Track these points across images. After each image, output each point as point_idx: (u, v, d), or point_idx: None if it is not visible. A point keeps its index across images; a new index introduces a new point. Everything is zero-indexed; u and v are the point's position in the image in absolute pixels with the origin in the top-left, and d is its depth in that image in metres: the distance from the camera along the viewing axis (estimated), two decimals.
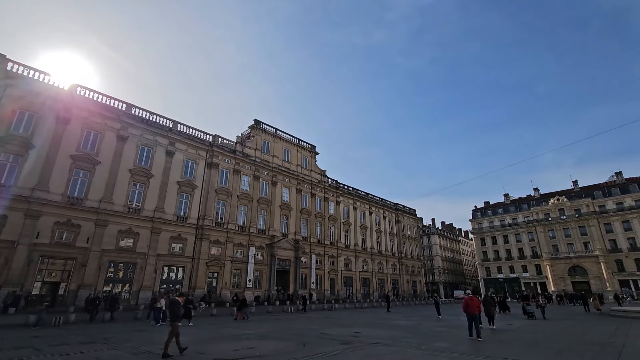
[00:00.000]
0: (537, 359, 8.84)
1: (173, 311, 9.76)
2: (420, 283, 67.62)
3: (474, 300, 13.06)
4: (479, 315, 12.89)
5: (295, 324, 19.03)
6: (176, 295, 11.82)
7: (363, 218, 57.48)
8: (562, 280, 65.89)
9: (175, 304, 9.98)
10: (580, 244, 66.51)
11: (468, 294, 14.21)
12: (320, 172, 52.14)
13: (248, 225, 38.69)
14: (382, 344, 11.47)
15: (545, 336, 13.90)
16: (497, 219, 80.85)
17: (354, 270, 51.55)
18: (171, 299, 10.82)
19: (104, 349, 10.63)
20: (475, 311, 12.73)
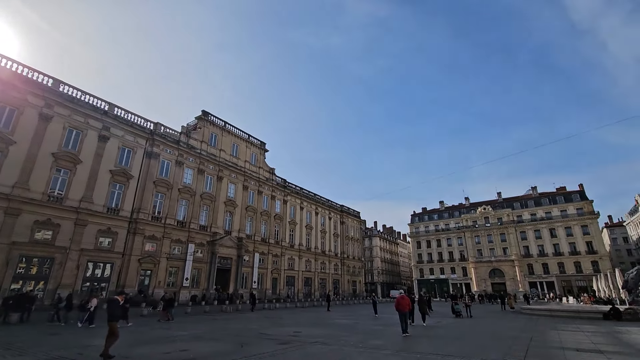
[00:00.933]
0: (460, 353, 9.61)
1: (111, 311, 9.19)
2: (360, 283, 70.01)
3: (404, 299, 14.06)
4: (408, 313, 13.95)
5: (234, 324, 18.49)
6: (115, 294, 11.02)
7: (309, 218, 57.91)
8: (483, 282, 72.97)
9: (114, 303, 9.46)
10: (500, 249, 74.29)
11: (401, 293, 15.30)
12: (269, 170, 51.45)
13: (189, 221, 36.70)
14: (321, 343, 11.62)
15: (468, 332, 15.24)
16: (433, 224, 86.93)
17: (297, 270, 51.65)
18: (109, 297, 10.22)
19: (7, 355, 9.29)
20: (405, 309, 13.73)
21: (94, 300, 17.50)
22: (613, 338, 12.98)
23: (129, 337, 12.95)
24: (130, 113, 33.55)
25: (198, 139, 40.49)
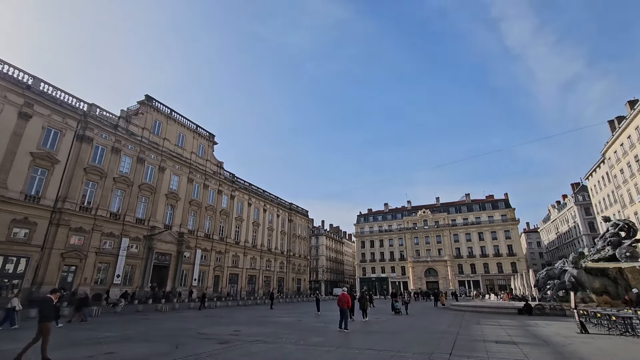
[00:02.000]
0: (395, 347, 10.14)
1: (44, 311, 8.45)
2: (305, 281, 70.53)
3: (345, 296, 14.65)
4: (348, 310, 14.53)
5: (169, 324, 17.49)
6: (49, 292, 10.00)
7: (257, 215, 56.87)
8: (419, 280, 77.94)
9: (47, 302, 8.75)
10: (436, 250, 79.90)
11: (343, 291, 15.88)
12: (217, 163, 49.52)
13: (124, 213, 33.88)
14: (262, 342, 11.48)
15: (403, 328, 16.14)
16: (377, 224, 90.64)
17: (241, 267, 50.42)
18: (42, 297, 9.29)
19: None
20: (345, 305, 14.23)
21: (15, 299, 15.79)
22: (525, 331, 14.65)
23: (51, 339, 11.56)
24: (60, 90, 30.01)
25: (139, 125, 37.54)
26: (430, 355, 9.03)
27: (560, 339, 12.08)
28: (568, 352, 9.49)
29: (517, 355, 9.15)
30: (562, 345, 10.74)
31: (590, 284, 24.17)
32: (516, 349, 9.98)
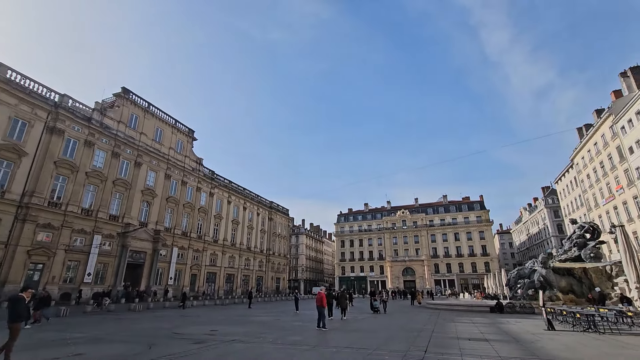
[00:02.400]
0: (372, 345, 10.27)
1: (17, 310, 8.08)
2: (284, 280, 70.28)
3: (322, 295, 14.78)
4: (325, 309, 14.62)
5: (143, 324, 16.99)
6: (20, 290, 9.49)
7: (236, 213, 56.13)
8: (397, 279, 79.31)
9: (19, 301, 8.30)
10: (414, 250, 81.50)
11: (321, 290, 15.95)
12: (197, 159, 48.51)
13: (96, 209, 32.61)
14: (239, 341, 11.34)
15: (381, 326, 16.37)
16: (357, 224, 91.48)
17: (219, 266, 49.64)
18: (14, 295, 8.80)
19: None
20: (322, 304, 14.41)
21: None
22: (496, 328, 15.18)
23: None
24: (29, 79, 28.54)
25: (115, 118, 36.23)
26: (406, 352, 9.20)
27: (529, 335, 12.59)
28: (536, 348, 9.91)
29: (488, 351, 9.46)
30: (531, 342, 11.20)
31: (558, 283, 25.32)
32: (488, 346, 10.32)
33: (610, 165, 44.20)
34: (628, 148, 39.77)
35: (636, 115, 37.70)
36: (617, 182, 42.89)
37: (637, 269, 15.45)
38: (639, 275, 15.38)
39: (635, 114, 37.89)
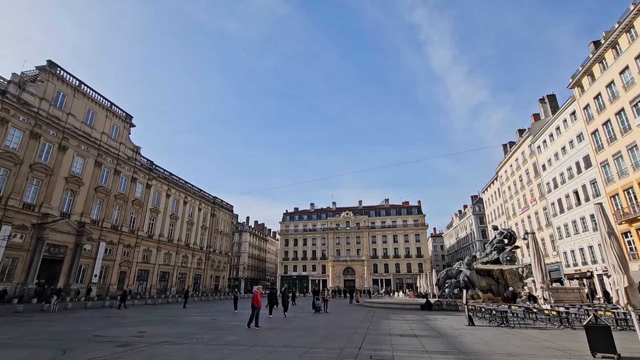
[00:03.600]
0: (309, 343, 10.40)
1: None
2: (224, 278, 68.08)
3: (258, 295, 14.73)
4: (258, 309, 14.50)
5: (58, 326, 15.23)
6: None
7: (175, 207, 53.00)
8: (338, 278, 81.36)
9: None
10: (355, 251, 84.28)
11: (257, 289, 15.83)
12: (133, 147, 44.84)
13: (7, 196, 28.50)
14: (170, 343, 10.71)
15: (320, 324, 16.63)
16: (302, 223, 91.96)
17: (153, 263, 46.43)
18: None
19: None
20: (257, 303, 14.36)
21: None
22: (425, 324, 16.31)
23: None
24: None
25: (37, 94, 32.03)
26: (342, 350, 9.46)
27: (452, 331, 13.74)
28: (458, 343, 10.84)
29: (417, 346, 10.13)
30: (454, 336, 12.23)
31: (479, 283, 28.01)
32: (416, 341, 11.05)
33: (527, 179, 50.09)
34: (542, 165, 45.41)
35: (549, 137, 43.20)
36: (532, 194, 48.76)
37: (543, 271, 17.72)
38: (543, 276, 17.65)
39: (548, 137, 43.38)
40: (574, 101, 37.40)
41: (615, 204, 31.20)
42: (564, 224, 40.17)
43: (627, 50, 29.18)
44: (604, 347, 8.43)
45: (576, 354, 8.87)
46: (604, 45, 31.58)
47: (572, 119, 38.06)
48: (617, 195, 31.00)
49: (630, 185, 29.19)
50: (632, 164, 28.99)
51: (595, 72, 33.62)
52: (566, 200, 39.69)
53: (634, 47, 28.35)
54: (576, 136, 37.40)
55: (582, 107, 35.94)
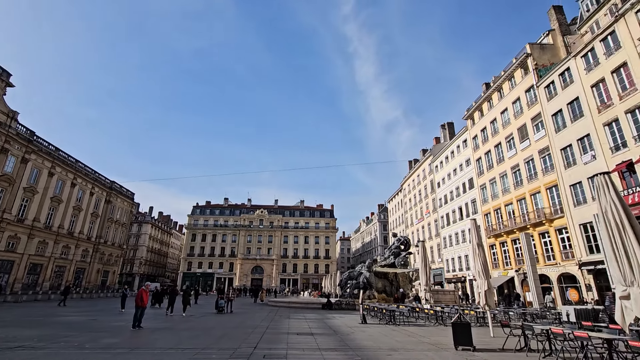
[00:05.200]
0: (201, 345, 9.89)
1: None
2: (115, 273, 60.47)
3: (143, 293, 13.90)
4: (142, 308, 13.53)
5: None
6: None
7: (60, 189, 45.20)
8: (245, 277, 79.66)
9: None
10: (266, 249, 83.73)
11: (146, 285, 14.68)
12: (8, 112, 36.89)
13: None
14: (29, 347, 9.04)
15: (218, 324, 15.98)
16: (213, 218, 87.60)
17: (20, 253, 38.67)
18: None
19: None
20: (140, 303, 13.51)
21: None
22: (323, 323, 17.03)
23: None
24: None
25: None
26: (236, 350, 9.24)
27: (346, 329, 14.63)
28: (349, 340, 11.58)
29: (311, 344, 10.49)
30: (347, 334, 13.03)
31: (376, 285, 30.48)
32: (312, 339, 11.46)
33: (425, 194, 56.58)
34: (437, 183, 51.78)
35: (445, 159, 49.58)
36: (427, 207, 55.20)
37: (427, 275, 20.21)
38: (427, 280, 20.13)
39: (445, 158, 49.77)
40: (467, 131, 43.71)
41: (487, 221, 37.35)
42: (449, 235, 46.50)
43: (508, 94, 35.36)
44: (464, 341, 9.96)
45: (444, 347, 10.27)
46: (492, 89, 37.72)
47: (464, 146, 44.42)
48: (489, 213, 37.17)
49: (499, 207, 35.32)
50: (502, 189, 35.14)
51: (484, 109, 39.88)
52: (452, 214, 46.02)
53: (512, 93, 34.51)
54: (465, 161, 43.73)
55: (471, 137, 42.23)
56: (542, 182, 29.45)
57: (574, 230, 25.67)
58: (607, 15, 24.74)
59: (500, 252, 34.78)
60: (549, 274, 27.90)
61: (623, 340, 7.71)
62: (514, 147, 33.62)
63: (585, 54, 25.84)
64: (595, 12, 26.11)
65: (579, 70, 26.22)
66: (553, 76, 28.83)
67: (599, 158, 23.84)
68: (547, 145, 29.12)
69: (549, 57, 31.67)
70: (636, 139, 21.52)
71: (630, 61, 22.11)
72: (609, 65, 23.67)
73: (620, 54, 22.87)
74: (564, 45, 31.12)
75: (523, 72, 32.94)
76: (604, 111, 23.82)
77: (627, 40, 22.35)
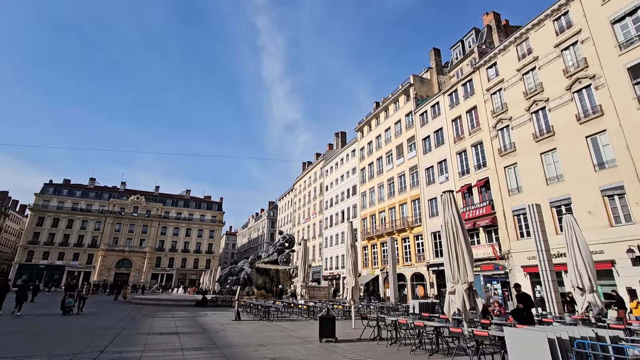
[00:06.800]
0: (27, 352, 8.04)
1: None
2: None
3: None
4: None
5: None
6: None
7: None
8: (108, 271, 69.02)
9: None
10: (138, 240, 74.40)
11: None
12: None
13: None
14: None
15: (58, 326, 13.32)
16: (72, 200, 73.29)
17: None
18: None
19: None
20: None
21: None
22: (193, 321, 16.01)
23: None
24: None
25: None
26: (74, 356, 7.83)
27: (218, 326, 14.09)
28: (218, 337, 11.15)
29: (174, 344, 9.71)
30: (217, 331, 12.54)
31: (257, 281, 30.43)
32: (176, 339, 10.61)
33: (314, 195, 59.49)
34: (326, 186, 55.07)
35: (335, 165, 53.18)
36: (315, 208, 58.13)
37: (305, 272, 21.22)
38: (305, 277, 21.14)
39: (335, 164, 53.35)
40: (356, 142, 47.86)
41: (364, 225, 41.54)
42: (331, 235, 49.95)
43: (392, 115, 40.17)
44: (328, 334, 10.74)
45: (310, 340, 10.86)
46: (380, 108, 42.30)
47: (352, 155, 48.49)
48: (366, 218, 41.42)
49: (374, 213, 39.72)
50: (378, 198, 39.63)
51: (373, 124, 44.38)
52: (336, 217, 49.61)
53: (395, 115, 39.34)
54: (352, 169, 47.77)
55: (359, 148, 46.43)
56: (409, 194, 34.37)
57: (427, 237, 30.78)
58: (469, 65, 30.64)
59: (371, 253, 39.10)
60: (405, 273, 32.71)
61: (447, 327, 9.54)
62: (392, 162, 38.34)
63: (451, 94, 31.41)
64: (461, 61, 32.04)
65: (445, 106, 31.68)
66: (426, 107, 34.07)
67: (450, 180, 29.18)
68: (416, 164, 34.17)
69: (426, 90, 37.34)
70: (475, 167, 27.19)
71: (479, 106, 27.84)
72: (465, 106, 29.31)
73: (473, 99, 28.59)
74: (437, 82, 37.17)
75: (406, 98, 37.93)
76: (458, 142, 29.35)
77: (479, 89, 28.10)
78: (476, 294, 8.74)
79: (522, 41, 24.92)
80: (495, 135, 25.65)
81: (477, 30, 32.87)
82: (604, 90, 19.11)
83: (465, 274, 8.51)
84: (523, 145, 23.34)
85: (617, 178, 17.85)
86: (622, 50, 18.56)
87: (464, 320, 8.62)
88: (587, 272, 11.17)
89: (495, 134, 25.67)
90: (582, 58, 20.55)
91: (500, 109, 25.59)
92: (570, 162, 20.25)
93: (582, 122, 19.89)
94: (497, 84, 26.36)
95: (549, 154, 21.75)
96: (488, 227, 25.17)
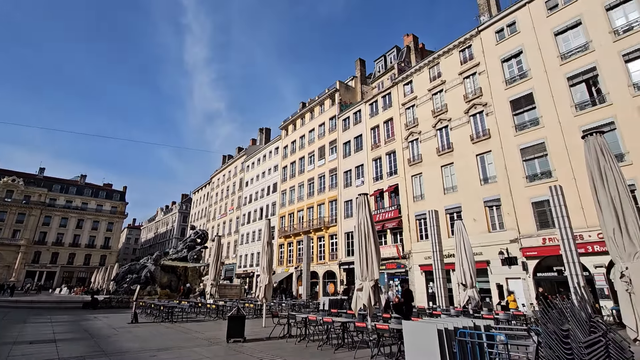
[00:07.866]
0: None
1: None
2: None
3: None
4: None
5: None
6: None
7: None
8: None
9: None
10: (10, 231, 61.67)
11: None
12: None
13: None
14: None
15: None
16: None
17: None
18: None
19: None
20: None
21: None
22: (77, 326, 13.90)
23: None
24: None
25: None
26: None
27: (109, 330, 12.49)
28: (107, 343, 9.87)
29: (49, 354, 8.27)
30: (107, 337, 11.10)
31: (161, 280, 27.93)
32: (52, 348, 9.04)
33: (233, 190, 57.39)
34: (246, 182, 53.65)
35: (257, 161, 52.20)
36: (232, 204, 56.09)
37: (216, 270, 20.26)
38: (216, 275, 20.17)
39: (257, 160, 52.35)
40: (280, 140, 47.69)
41: (282, 223, 41.58)
42: (247, 232, 48.77)
43: (317, 117, 41.09)
44: (236, 334, 10.40)
45: (216, 342, 10.36)
46: (306, 109, 42.95)
47: (275, 152, 48.17)
48: (284, 216, 41.54)
49: (293, 211, 40.09)
50: (298, 197, 40.13)
51: (298, 124, 44.78)
52: (254, 213, 48.64)
53: (320, 117, 40.35)
54: (274, 166, 47.43)
55: (283, 146, 46.38)
56: (327, 195, 35.58)
57: (341, 237, 32.27)
58: (389, 80, 33.15)
59: (287, 251, 39.35)
60: (318, 271, 33.73)
61: (353, 322, 10.08)
62: (314, 162, 39.21)
63: (372, 103, 33.53)
64: (382, 74, 34.52)
65: (366, 114, 33.69)
66: (349, 113, 35.75)
67: (366, 184, 31.12)
68: (336, 167, 35.56)
69: (350, 97, 39.17)
70: (387, 174, 29.52)
71: (395, 118, 30.30)
72: (383, 117, 31.61)
73: (391, 111, 31.02)
74: (360, 91, 39.33)
75: (331, 102, 39.22)
76: (375, 149, 31.48)
77: (396, 103, 30.60)
78: (381, 291, 9.45)
79: (434, 65, 28.02)
80: (407, 146, 28.26)
81: (398, 49, 35.82)
82: (492, 117, 22.66)
83: (372, 272, 9.12)
84: (428, 158, 26.20)
85: (496, 192, 21.32)
86: (507, 86, 22.30)
87: (369, 315, 9.23)
88: (469, 271, 13.04)
89: (407, 145, 28.28)
90: (478, 87, 24.05)
91: (413, 123, 28.31)
92: (463, 175, 23.46)
93: (475, 142, 23.24)
94: (411, 100, 29.09)
95: (447, 167, 24.85)
96: (395, 229, 27.56)
